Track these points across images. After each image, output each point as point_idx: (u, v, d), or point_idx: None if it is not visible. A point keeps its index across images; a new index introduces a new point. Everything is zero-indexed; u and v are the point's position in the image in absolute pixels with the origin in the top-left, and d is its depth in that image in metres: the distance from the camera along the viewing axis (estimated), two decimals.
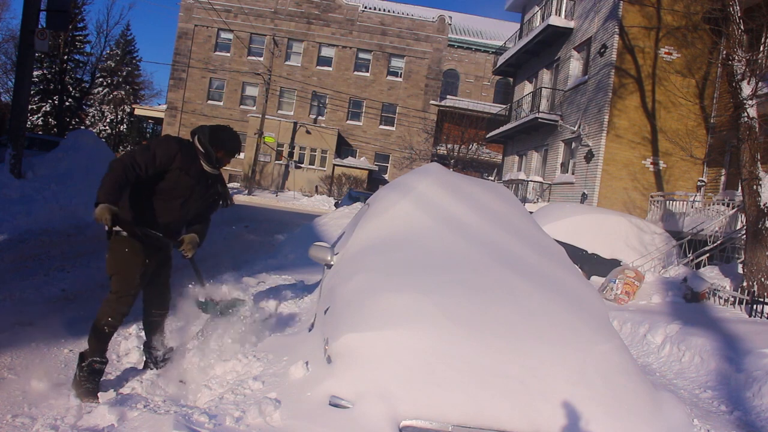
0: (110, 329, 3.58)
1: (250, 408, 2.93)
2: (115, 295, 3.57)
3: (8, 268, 6.61)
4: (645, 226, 11.25)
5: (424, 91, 37.34)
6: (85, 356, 3.56)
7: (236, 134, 3.89)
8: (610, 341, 3.24)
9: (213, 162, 3.72)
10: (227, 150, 3.76)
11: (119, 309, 3.56)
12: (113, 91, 41.69)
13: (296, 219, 17.76)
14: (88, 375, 3.52)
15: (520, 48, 21.59)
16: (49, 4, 12.06)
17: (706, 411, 4.93)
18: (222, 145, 3.73)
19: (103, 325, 3.55)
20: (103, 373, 3.61)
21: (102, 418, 3.16)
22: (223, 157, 3.76)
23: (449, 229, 4.00)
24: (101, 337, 3.57)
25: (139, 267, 3.60)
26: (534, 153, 20.72)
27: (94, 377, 3.53)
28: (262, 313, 4.44)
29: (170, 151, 3.55)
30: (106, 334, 3.58)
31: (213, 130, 3.77)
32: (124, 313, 3.60)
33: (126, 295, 3.58)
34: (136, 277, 3.60)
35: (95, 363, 3.54)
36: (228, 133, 3.82)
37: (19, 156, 11.23)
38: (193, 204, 3.76)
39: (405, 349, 2.91)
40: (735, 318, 7.38)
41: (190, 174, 3.62)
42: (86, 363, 3.53)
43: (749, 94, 8.55)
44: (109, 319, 3.55)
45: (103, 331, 3.56)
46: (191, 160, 3.64)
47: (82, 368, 3.53)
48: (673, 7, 14.43)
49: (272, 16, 36.82)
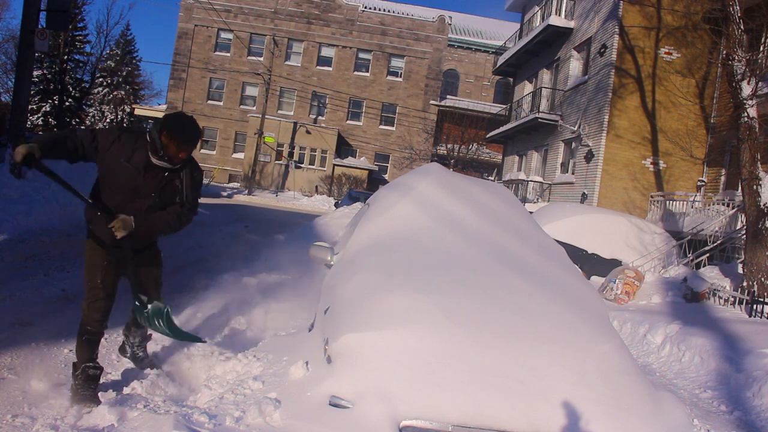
0: (90, 336, 3.52)
1: (250, 408, 2.93)
2: (86, 302, 3.50)
3: (8, 268, 6.61)
4: (645, 226, 11.25)
5: (424, 91, 37.34)
6: (76, 365, 3.52)
7: (188, 120, 3.42)
8: (610, 341, 3.24)
9: (158, 150, 3.31)
10: (170, 134, 3.28)
11: (92, 315, 3.48)
12: (113, 91, 41.65)
13: (296, 219, 17.75)
14: (84, 382, 3.46)
15: (520, 48, 21.60)
16: (49, 4, 12.07)
17: (706, 411, 4.93)
18: (166, 128, 3.30)
19: (82, 333, 3.51)
20: (98, 378, 3.56)
21: (102, 418, 3.16)
22: (169, 143, 3.29)
23: (449, 229, 4.00)
24: (85, 344, 3.52)
25: (100, 271, 3.47)
26: (534, 153, 20.72)
27: (90, 384, 3.48)
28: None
29: (110, 135, 3.34)
30: (89, 341, 3.52)
31: (165, 116, 3.45)
32: (98, 319, 3.49)
33: (95, 300, 3.48)
34: (97, 282, 3.46)
35: (89, 369, 3.49)
36: (175, 117, 3.42)
37: None
38: (143, 199, 3.40)
39: (405, 349, 2.91)
40: (735, 318, 7.38)
41: (132, 163, 3.31)
42: (79, 371, 3.48)
43: (749, 94, 8.55)
44: (88, 327, 3.49)
45: (83, 339, 3.51)
46: (134, 149, 3.33)
47: (76, 377, 3.49)
48: (673, 7, 14.43)
49: (272, 16, 36.83)
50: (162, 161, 3.35)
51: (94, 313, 3.48)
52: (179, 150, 3.33)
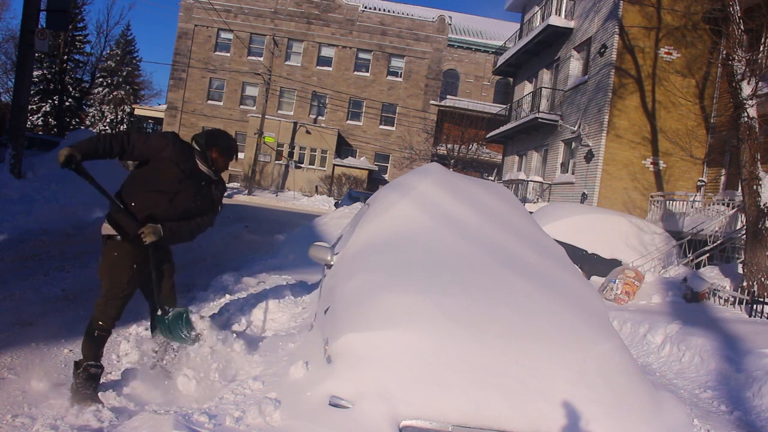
0: (101, 333, 3.56)
1: (250, 408, 2.93)
2: (103, 299, 3.55)
3: (8, 268, 6.62)
4: (645, 226, 11.25)
5: (424, 91, 37.33)
6: (79, 363, 3.53)
7: (231, 137, 3.97)
8: (610, 341, 3.24)
9: (207, 160, 3.76)
10: (220, 148, 3.80)
11: (108, 312, 3.53)
12: (113, 91, 41.64)
13: (296, 219, 17.76)
14: (85, 381, 3.47)
15: (520, 48, 21.59)
16: (49, 4, 12.07)
17: (706, 411, 4.93)
18: (214, 142, 3.80)
19: (94, 329, 3.54)
20: (99, 378, 3.57)
21: (102, 418, 3.17)
22: (218, 157, 3.80)
23: (449, 229, 4.00)
24: (93, 341, 3.54)
25: (127, 270, 3.56)
26: (534, 153, 20.72)
27: (90, 383, 3.49)
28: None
29: (164, 139, 3.64)
30: (98, 338, 3.56)
31: (209, 131, 3.92)
32: (113, 317, 3.56)
33: (114, 298, 3.54)
34: (123, 281, 3.55)
35: (90, 368, 3.50)
36: (222, 133, 3.93)
37: (19, 156, 11.24)
38: (182, 201, 3.66)
39: (405, 349, 2.91)
40: (735, 318, 7.38)
41: (181, 167, 3.61)
42: (81, 369, 3.49)
43: (749, 94, 8.55)
44: (100, 323, 3.53)
45: (94, 335, 3.54)
46: (184, 155, 3.67)
47: (78, 375, 3.50)
48: (673, 7, 14.44)
49: (272, 16, 36.82)
50: (209, 170, 3.78)
51: (111, 310, 3.54)
52: (226, 165, 3.87)
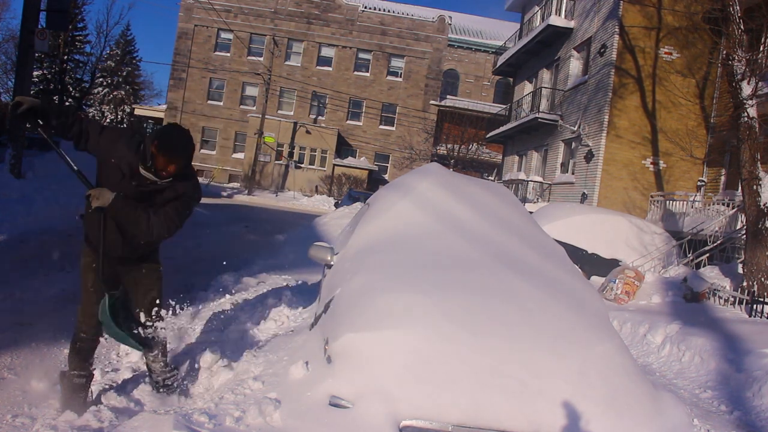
0: (82, 343, 3.42)
1: (250, 408, 2.93)
2: (80, 307, 3.43)
3: (8, 268, 6.61)
4: (645, 226, 11.25)
5: (424, 91, 37.33)
6: (64, 373, 3.42)
7: (179, 132, 3.24)
8: (610, 341, 3.24)
9: (146, 160, 3.16)
10: (160, 145, 3.11)
11: (85, 321, 3.40)
12: (113, 91, 41.64)
13: (296, 219, 17.76)
14: (68, 391, 3.37)
15: (520, 48, 21.59)
16: (49, 4, 12.08)
17: (706, 411, 4.93)
18: (158, 135, 3.17)
19: (75, 340, 3.43)
20: (86, 388, 3.45)
21: (102, 418, 3.17)
22: (157, 155, 3.11)
23: (449, 229, 3.99)
24: (76, 352, 3.43)
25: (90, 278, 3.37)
26: (534, 153, 20.71)
27: (77, 392, 3.38)
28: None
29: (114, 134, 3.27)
30: (80, 349, 3.42)
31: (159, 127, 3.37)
32: (91, 325, 3.38)
33: (86, 305, 3.39)
34: (88, 287, 3.37)
35: (74, 377, 3.38)
36: (166, 128, 3.28)
37: (19, 156, 11.24)
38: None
39: (405, 349, 2.91)
40: (735, 318, 7.38)
41: (121, 166, 3.18)
42: (66, 379, 3.39)
43: (749, 94, 8.55)
44: (81, 334, 3.41)
45: (76, 346, 3.43)
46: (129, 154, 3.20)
47: (63, 384, 3.40)
48: (673, 7, 14.43)
49: (272, 16, 36.82)
50: (149, 172, 3.17)
51: (87, 318, 3.37)
52: (167, 163, 3.13)
